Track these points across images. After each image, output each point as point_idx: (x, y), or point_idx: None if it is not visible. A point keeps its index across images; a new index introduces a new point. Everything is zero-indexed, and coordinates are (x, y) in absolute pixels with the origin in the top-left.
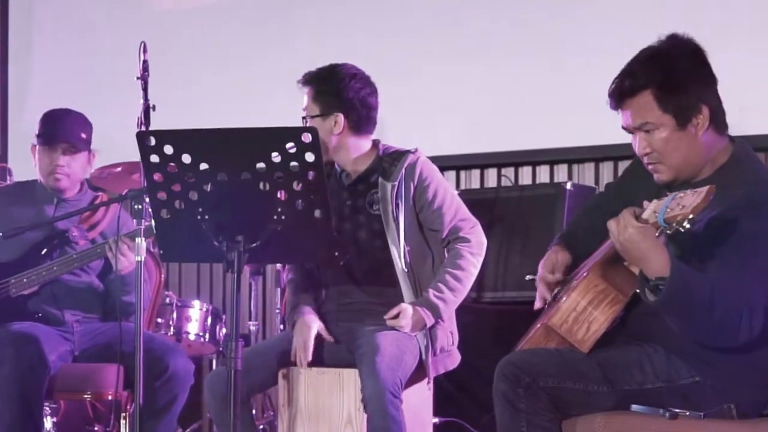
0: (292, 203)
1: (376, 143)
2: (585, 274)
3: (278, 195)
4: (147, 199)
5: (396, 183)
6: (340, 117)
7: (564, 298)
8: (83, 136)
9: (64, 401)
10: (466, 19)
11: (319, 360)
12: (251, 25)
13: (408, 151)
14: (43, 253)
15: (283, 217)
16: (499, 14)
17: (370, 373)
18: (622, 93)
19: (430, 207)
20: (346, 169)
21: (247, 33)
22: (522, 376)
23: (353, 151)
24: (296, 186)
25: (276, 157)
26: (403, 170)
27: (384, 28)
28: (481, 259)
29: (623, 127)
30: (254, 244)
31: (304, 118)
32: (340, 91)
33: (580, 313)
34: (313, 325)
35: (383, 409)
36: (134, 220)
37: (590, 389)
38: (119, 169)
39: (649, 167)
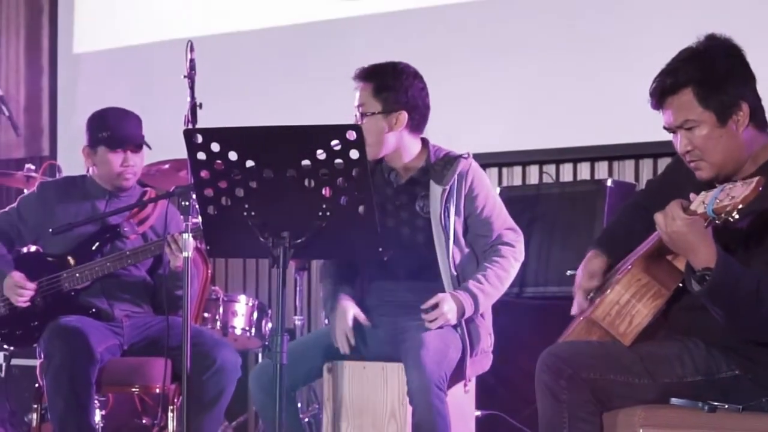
0: (336, 200)
1: (425, 142)
2: (629, 268)
3: (323, 192)
4: (194, 196)
5: (447, 187)
6: (403, 115)
7: (608, 291)
8: (143, 134)
9: (113, 394)
10: (508, 18)
11: (361, 355)
12: (299, 23)
13: (460, 156)
14: (94, 248)
15: (327, 214)
16: (541, 13)
17: (415, 366)
18: (663, 91)
19: (480, 215)
20: (395, 167)
21: (295, 30)
22: (564, 368)
23: (407, 150)
24: (341, 183)
25: (321, 154)
26: (456, 176)
27: (426, 26)
28: (518, 267)
29: (665, 127)
30: (299, 240)
31: (363, 114)
32: (406, 88)
33: (623, 306)
34: (349, 310)
35: (428, 402)
36: (182, 216)
37: (631, 382)
38: (167, 166)
39: (691, 165)
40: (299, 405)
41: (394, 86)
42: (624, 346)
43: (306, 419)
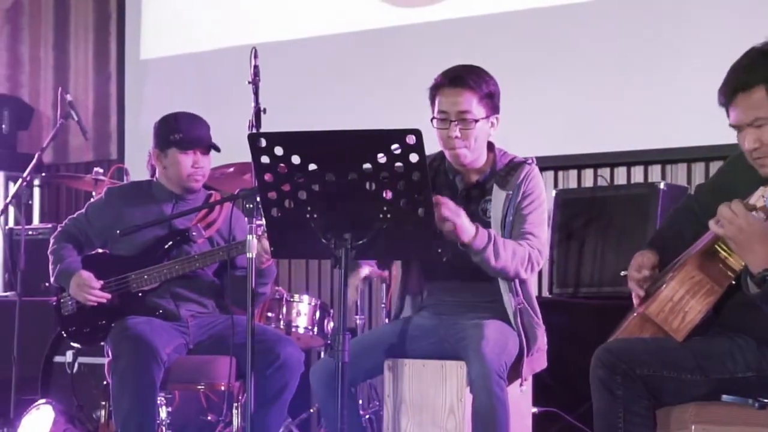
0: (397, 202)
1: (491, 146)
2: (683, 265)
3: (383, 194)
4: (258, 199)
5: (511, 193)
6: (497, 119)
7: (663, 287)
8: (211, 137)
9: (179, 392)
10: (562, 23)
11: (421, 352)
12: (359, 29)
13: (525, 162)
14: (162, 250)
15: (388, 216)
16: (595, 18)
17: (476, 355)
18: (735, 88)
19: (522, 211)
20: (461, 170)
21: (356, 36)
22: (619, 364)
23: (483, 154)
24: (401, 186)
25: (381, 158)
26: (518, 181)
27: (484, 33)
28: (527, 275)
29: (731, 124)
30: (361, 242)
31: (470, 120)
32: (498, 93)
33: (677, 302)
34: (362, 270)
35: (489, 389)
36: (246, 219)
37: (684, 378)
38: (231, 169)
39: (757, 162)
40: (360, 402)
41: (494, 92)
42: (676, 343)
43: (366, 416)
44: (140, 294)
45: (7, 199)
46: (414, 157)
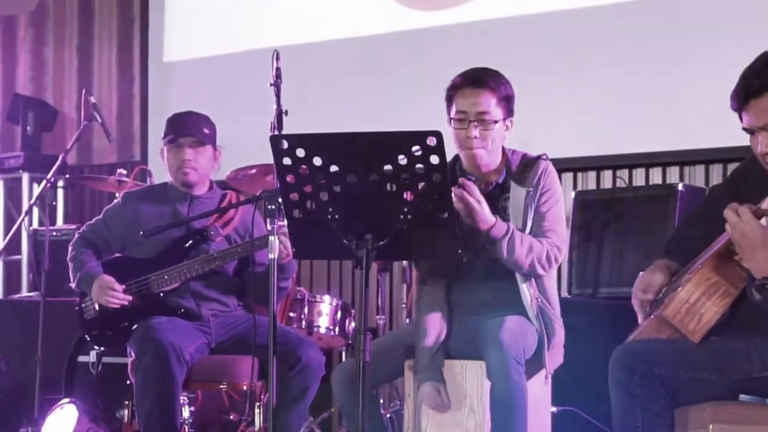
0: (417, 203)
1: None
2: (699, 267)
3: (405, 195)
4: (280, 200)
5: (531, 190)
6: (511, 122)
7: (679, 290)
8: (206, 131)
9: (201, 391)
10: (581, 26)
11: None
12: (381, 32)
13: (539, 158)
14: (181, 250)
15: (409, 217)
16: (615, 21)
17: (494, 342)
18: (748, 93)
19: (540, 209)
20: (473, 171)
21: (377, 40)
22: (637, 364)
23: (498, 155)
24: (422, 187)
25: (402, 159)
26: (536, 177)
27: (504, 35)
28: (545, 272)
29: (744, 128)
30: (382, 242)
31: (488, 121)
32: (514, 97)
33: (693, 304)
34: None
35: (506, 376)
36: (267, 218)
37: (701, 378)
38: (254, 170)
39: None
40: (381, 401)
41: (511, 95)
42: (693, 344)
43: (387, 415)
44: (161, 295)
45: (31, 201)
46: (435, 159)
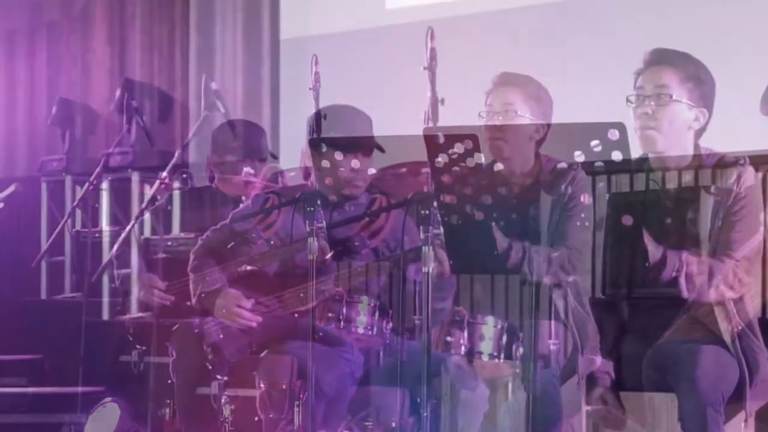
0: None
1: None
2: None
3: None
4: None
5: (558, 198)
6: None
7: (711, 291)
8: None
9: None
10: (615, 27)
11: None
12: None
13: (571, 167)
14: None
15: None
16: (649, 24)
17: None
18: None
19: (567, 215)
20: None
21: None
22: (670, 365)
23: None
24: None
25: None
26: (564, 186)
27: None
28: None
29: None
30: None
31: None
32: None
33: (725, 304)
34: None
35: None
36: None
37: (732, 377)
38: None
39: None
40: (417, 400)
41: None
42: (725, 343)
43: (424, 414)
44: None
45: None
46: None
